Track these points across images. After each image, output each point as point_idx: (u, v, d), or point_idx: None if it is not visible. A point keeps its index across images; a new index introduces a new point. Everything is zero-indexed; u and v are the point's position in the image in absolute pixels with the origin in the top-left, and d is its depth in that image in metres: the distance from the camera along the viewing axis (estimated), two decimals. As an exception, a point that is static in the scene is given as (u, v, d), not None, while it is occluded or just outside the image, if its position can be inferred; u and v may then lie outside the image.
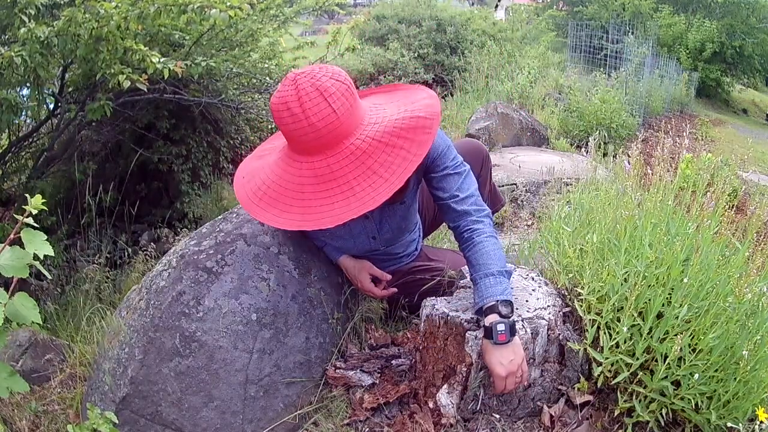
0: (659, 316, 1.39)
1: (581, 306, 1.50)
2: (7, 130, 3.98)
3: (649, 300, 1.38)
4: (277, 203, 1.38)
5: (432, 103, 1.43)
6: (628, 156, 1.71)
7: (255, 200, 1.44)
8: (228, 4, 2.81)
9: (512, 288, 1.48)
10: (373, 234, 1.74)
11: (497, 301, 1.36)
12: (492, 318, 1.34)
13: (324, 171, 1.32)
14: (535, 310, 1.51)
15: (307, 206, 1.33)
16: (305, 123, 1.27)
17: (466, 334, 1.44)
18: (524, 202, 3.61)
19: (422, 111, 1.38)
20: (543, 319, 1.47)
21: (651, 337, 1.36)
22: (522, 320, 1.45)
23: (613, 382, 1.40)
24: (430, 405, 1.52)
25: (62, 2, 2.96)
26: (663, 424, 1.38)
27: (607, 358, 1.40)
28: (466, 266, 1.74)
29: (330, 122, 1.28)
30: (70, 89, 3.99)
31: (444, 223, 1.95)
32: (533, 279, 1.69)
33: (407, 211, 1.72)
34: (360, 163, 1.31)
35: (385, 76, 8.37)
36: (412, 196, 1.70)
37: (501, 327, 1.31)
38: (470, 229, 1.51)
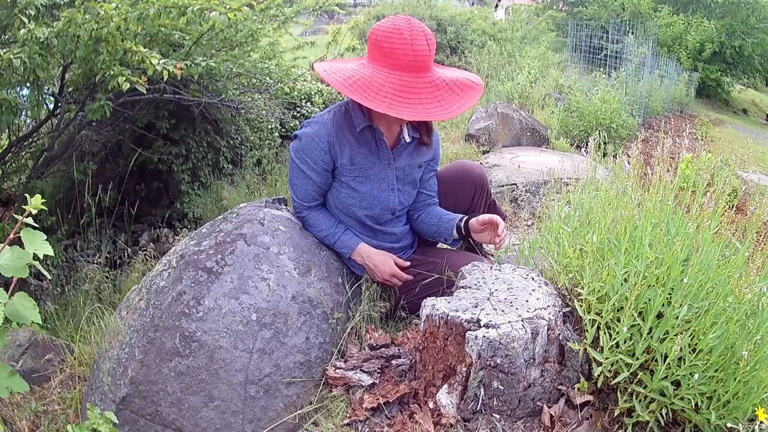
0: (659, 316, 1.39)
1: (581, 306, 1.50)
2: (7, 130, 3.98)
3: (649, 300, 1.38)
4: (399, 101, 1.64)
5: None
6: (628, 156, 1.70)
7: (379, 96, 1.63)
8: (227, 6, 2.81)
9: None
10: (392, 185, 1.92)
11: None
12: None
13: (425, 83, 1.68)
14: (535, 310, 1.51)
15: (424, 104, 1.65)
16: (414, 46, 1.64)
17: (466, 334, 1.44)
18: (524, 202, 3.61)
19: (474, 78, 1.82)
20: (543, 319, 1.47)
21: (651, 337, 1.36)
22: (522, 320, 1.45)
23: (613, 382, 1.40)
24: (430, 405, 1.52)
25: (62, 3, 2.96)
26: (663, 424, 1.38)
27: (607, 358, 1.40)
28: (465, 267, 1.75)
29: (428, 53, 1.67)
30: (70, 89, 3.99)
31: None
32: (533, 279, 1.69)
33: (420, 175, 1.98)
34: (445, 84, 1.70)
35: (385, 76, 8.36)
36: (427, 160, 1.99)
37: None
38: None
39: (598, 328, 1.44)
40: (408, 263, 1.94)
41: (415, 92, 1.63)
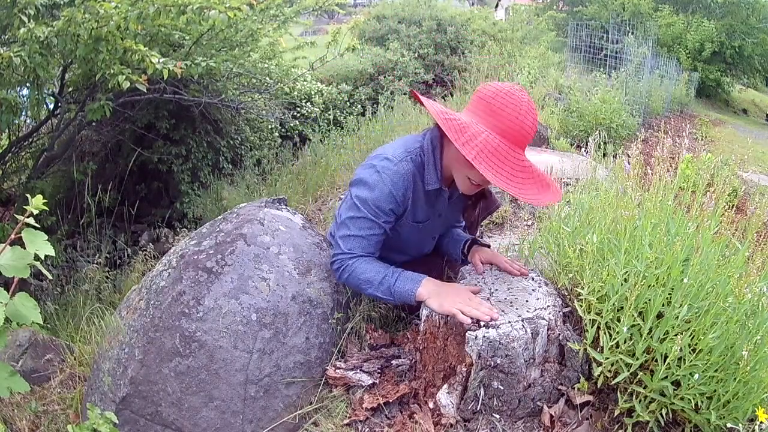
0: (659, 316, 1.39)
1: (581, 306, 1.50)
2: (7, 130, 3.98)
3: (649, 300, 1.38)
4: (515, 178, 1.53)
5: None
6: (628, 156, 1.70)
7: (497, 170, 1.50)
8: (227, 5, 2.81)
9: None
10: (436, 234, 1.87)
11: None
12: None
13: (528, 164, 1.58)
14: (535, 310, 1.51)
15: (531, 184, 1.56)
16: (532, 127, 1.54)
17: (466, 334, 1.44)
18: (524, 202, 3.61)
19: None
20: (543, 319, 1.47)
21: (651, 337, 1.36)
22: (522, 320, 1.45)
23: (613, 382, 1.40)
24: (430, 405, 1.52)
25: (62, 2, 2.96)
26: (663, 424, 1.38)
27: (607, 358, 1.40)
28: (465, 267, 1.75)
29: (534, 131, 1.57)
30: (70, 89, 3.99)
31: None
32: (533, 279, 1.69)
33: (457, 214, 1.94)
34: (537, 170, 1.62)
35: (385, 76, 8.37)
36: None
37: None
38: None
39: (598, 328, 1.44)
40: (480, 288, 1.66)
41: (523, 170, 1.52)
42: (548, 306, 1.53)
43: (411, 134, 1.80)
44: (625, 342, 1.38)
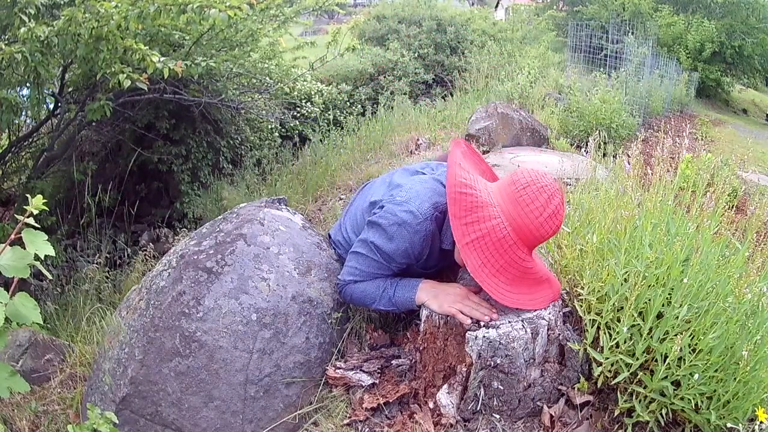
0: (659, 316, 1.39)
1: (581, 306, 1.50)
2: (7, 130, 3.98)
3: (649, 300, 1.38)
4: (513, 280, 1.47)
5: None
6: (628, 156, 1.70)
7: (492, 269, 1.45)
8: (227, 4, 2.81)
9: None
10: (441, 273, 1.82)
11: None
12: None
13: (532, 265, 1.50)
14: (536, 310, 1.51)
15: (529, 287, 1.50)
16: (550, 233, 1.46)
17: (466, 334, 1.44)
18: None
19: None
20: (543, 319, 1.47)
21: (651, 337, 1.36)
22: (522, 320, 1.45)
23: (613, 382, 1.40)
24: (430, 405, 1.52)
25: (62, 2, 2.96)
26: (663, 424, 1.38)
27: (607, 358, 1.40)
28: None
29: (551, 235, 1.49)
30: (70, 89, 3.99)
31: None
32: (533, 279, 1.69)
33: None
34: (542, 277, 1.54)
35: (385, 76, 8.37)
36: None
37: None
38: None
39: (598, 328, 1.44)
40: (479, 288, 1.63)
41: (524, 279, 1.47)
42: (548, 306, 1.53)
43: (436, 163, 1.76)
44: (625, 342, 1.38)
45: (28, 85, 3.20)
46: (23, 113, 3.76)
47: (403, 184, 1.68)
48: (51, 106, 4.10)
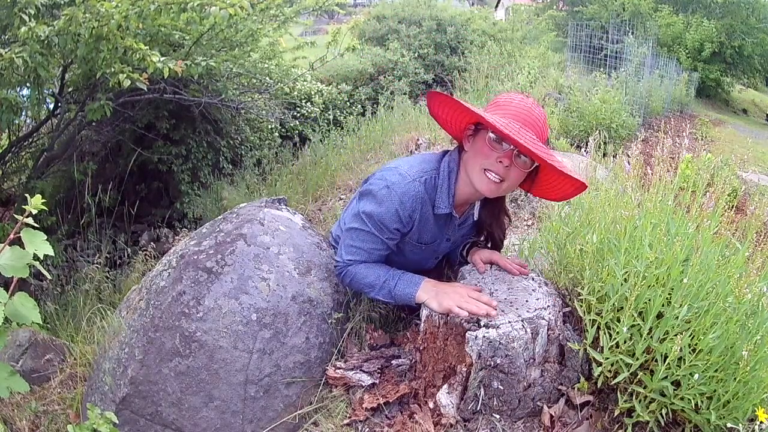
0: (659, 316, 1.39)
1: (581, 306, 1.50)
2: (7, 130, 3.98)
3: (649, 300, 1.38)
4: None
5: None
6: (628, 156, 1.70)
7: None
8: (228, 1, 2.81)
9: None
10: (440, 255, 1.86)
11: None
12: None
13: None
14: (535, 310, 1.51)
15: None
16: (539, 115, 1.54)
17: (466, 334, 1.44)
18: (524, 202, 3.61)
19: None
20: (543, 319, 1.47)
21: (651, 337, 1.36)
22: (522, 320, 1.45)
23: (613, 382, 1.40)
24: (430, 405, 1.52)
25: (62, 2, 2.96)
26: (663, 424, 1.38)
27: (607, 358, 1.40)
28: (465, 267, 1.77)
29: (542, 121, 1.55)
30: (70, 89, 3.99)
31: None
32: (533, 279, 1.69)
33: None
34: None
35: (385, 76, 8.37)
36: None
37: None
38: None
39: (598, 328, 1.44)
40: (480, 288, 1.64)
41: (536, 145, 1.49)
42: (548, 306, 1.53)
43: (431, 152, 1.78)
44: (625, 342, 1.38)
45: (28, 85, 3.20)
46: (23, 113, 3.76)
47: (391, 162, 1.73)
48: (51, 106, 4.09)
